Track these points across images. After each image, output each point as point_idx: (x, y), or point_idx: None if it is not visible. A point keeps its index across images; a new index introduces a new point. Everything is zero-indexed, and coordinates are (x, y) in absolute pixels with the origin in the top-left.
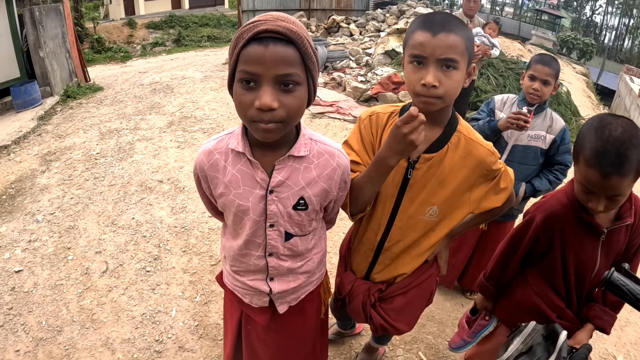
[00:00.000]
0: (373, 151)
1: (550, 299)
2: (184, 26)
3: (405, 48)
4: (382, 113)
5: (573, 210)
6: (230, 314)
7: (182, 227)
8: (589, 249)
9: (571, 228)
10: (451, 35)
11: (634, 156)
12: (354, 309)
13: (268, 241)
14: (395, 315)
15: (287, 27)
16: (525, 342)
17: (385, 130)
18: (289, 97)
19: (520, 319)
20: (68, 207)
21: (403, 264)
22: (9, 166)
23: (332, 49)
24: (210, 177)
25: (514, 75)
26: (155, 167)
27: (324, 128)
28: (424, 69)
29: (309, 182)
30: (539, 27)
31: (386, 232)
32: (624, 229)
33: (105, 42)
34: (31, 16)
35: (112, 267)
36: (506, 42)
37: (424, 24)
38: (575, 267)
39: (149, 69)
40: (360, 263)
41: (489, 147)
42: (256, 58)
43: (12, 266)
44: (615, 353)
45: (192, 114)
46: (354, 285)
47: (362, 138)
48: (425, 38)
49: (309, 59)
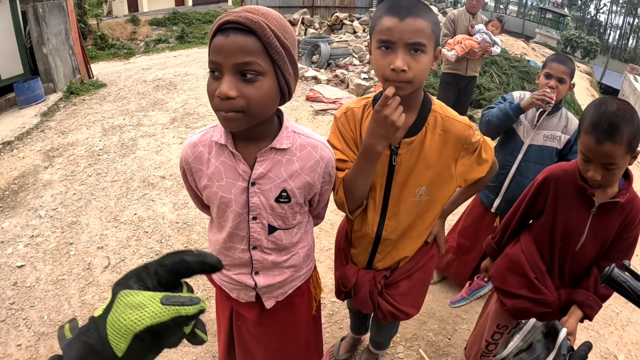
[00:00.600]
0: (356, 146)
1: (533, 259)
2: (187, 23)
3: (372, 34)
4: (355, 108)
5: (571, 177)
6: (221, 311)
7: (184, 223)
8: (578, 218)
9: (566, 192)
10: (418, 20)
11: (626, 129)
12: (361, 299)
13: (251, 234)
14: (402, 300)
15: (249, 17)
16: (525, 339)
17: (363, 122)
18: (250, 87)
19: (505, 276)
20: (70, 203)
21: (404, 248)
22: (12, 162)
23: (335, 46)
24: (195, 170)
25: (517, 74)
26: (158, 164)
27: (327, 125)
28: (392, 53)
29: (291, 174)
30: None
31: (381, 222)
32: (616, 215)
33: (108, 38)
34: (34, 13)
35: (114, 263)
36: (510, 41)
37: (391, 9)
38: (563, 232)
39: (152, 66)
40: (361, 255)
41: (465, 121)
42: (218, 48)
43: (14, 261)
44: (616, 352)
45: (195, 110)
46: (359, 276)
47: (342, 135)
48: (393, 23)
49: (273, 49)
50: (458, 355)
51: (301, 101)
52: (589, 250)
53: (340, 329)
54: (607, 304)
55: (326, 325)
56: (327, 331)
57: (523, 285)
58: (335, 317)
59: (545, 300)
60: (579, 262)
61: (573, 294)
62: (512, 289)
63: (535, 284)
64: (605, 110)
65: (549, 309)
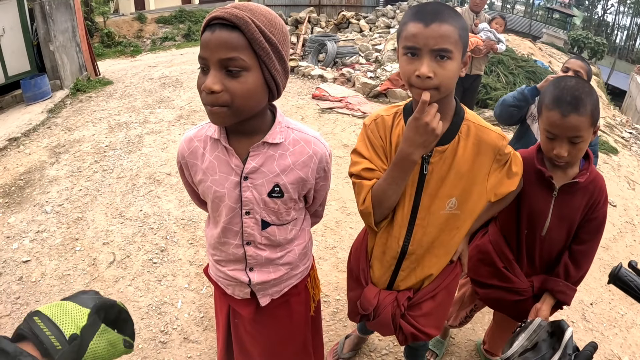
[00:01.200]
0: (385, 155)
1: (500, 248)
2: (194, 21)
3: (399, 40)
4: (386, 115)
5: (530, 162)
6: (219, 308)
7: (189, 220)
8: (541, 202)
9: (529, 178)
10: (444, 25)
11: (588, 100)
12: (382, 322)
13: (245, 229)
14: (424, 321)
15: (234, 12)
16: (530, 339)
17: (393, 131)
18: (234, 82)
19: (476, 266)
20: (76, 199)
21: (430, 266)
22: (19, 158)
23: (342, 45)
24: (190, 164)
25: (524, 73)
26: (164, 160)
27: (333, 123)
28: (418, 60)
29: (283, 169)
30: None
31: (408, 235)
32: (579, 196)
33: (115, 36)
34: (41, 10)
35: (119, 259)
36: (517, 40)
37: (416, 15)
38: (528, 218)
39: (159, 63)
40: (383, 274)
41: (498, 131)
42: (205, 43)
43: (20, 256)
44: (620, 354)
45: (201, 108)
46: (380, 298)
47: (371, 143)
48: (418, 29)
49: (257, 44)
50: (462, 355)
51: (307, 99)
52: (555, 234)
53: (344, 327)
54: (612, 306)
55: (330, 323)
56: (331, 329)
57: (493, 275)
58: (340, 315)
59: (516, 288)
60: (548, 247)
61: (544, 282)
62: (484, 278)
63: (504, 273)
64: (566, 85)
65: (522, 296)
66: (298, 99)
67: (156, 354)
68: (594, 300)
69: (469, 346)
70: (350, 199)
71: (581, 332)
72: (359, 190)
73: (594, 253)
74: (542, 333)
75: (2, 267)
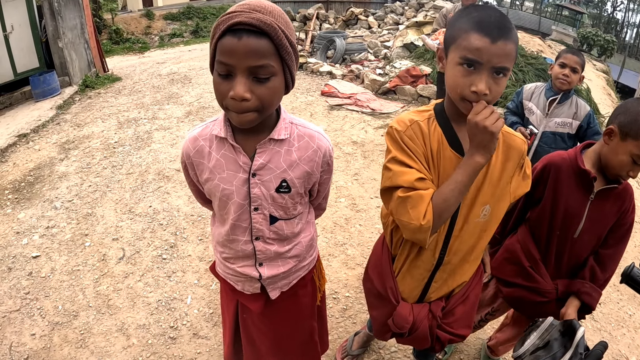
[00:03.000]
0: (427, 163)
1: (527, 247)
2: (202, 18)
3: (453, 44)
4: (420, 120)
5: (570, 164)
6: (226, 304)
7: (198, 216)
8: (577, 203)
9: (566, 179)
10: (509, 43)
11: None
12: (419, 336)
13: (253, 225)
14: (457, 325)
15: (261, 18)
16: (542, 337)
17: (432, 137)
18: (262, 88)
19: (502, 264)
20: (86, 195)
21: (462, 274)
22: (28, 154)
23: (351, 42)
24: (196, 164)
25: (534, 71)
26: (173, 156)
27: (342, 120)
28: (476, 74)
29: (290, 164)
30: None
31: (444, 246)
32: (611, 201)
33: (123, 33)
34: (50, 7)
35: (129, 254)
36: (526, 37)
37: (482, 27)
38: (563, 219)
39: (167, 60)
40: (414, 287)
41: (520, 136)
42: (230, 50)
43: (29, 252)
44: (628, 354)
45: (210, 104)
46: (414, 313)
47: (411, 152)
48: (484, 44)
49: (284, 49)
50: (471, 353)
51: (316, 96)
52: (586, 237)
53: (353, 324)
54: (621, 306)
55: (340, 320)
56: (340, 326)
57: (518, 274)
58: (349, 312)
59: (540, 288)
60: (577, 251)
61: (570, 285)
62: (508, 277)
63: (529, 272)
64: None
65: (545, 298)
66: (307, 96)
67: (166, 350)
68: (603, 300)
69: (477, 344)
70: (360, 196)
71: (589, 332)
72: (415, 203)
73: (620, 257)
74: (554, 332)
75: (12, 263)
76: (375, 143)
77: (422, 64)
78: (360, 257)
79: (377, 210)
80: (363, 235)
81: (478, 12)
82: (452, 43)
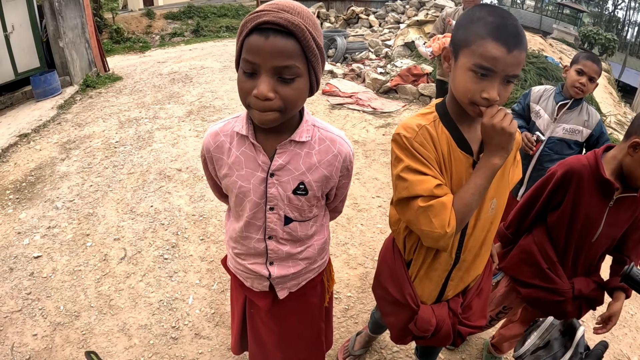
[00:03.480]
0: (440, 168)
1: (544, 249)
2: (203, 17)
3: (466, 49)
4: (428, 125)
5: (591, 169)
6: (235, 299)
7: (200, 216)
8: (597, 209)
9: (586, 185)
10: (522, 52)
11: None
12: (443, 335)
13: (267, 224)
14: (475, 317)
15: (289, 19)
16: (542, 337)
17: (440, 140)
18: (287, 88)
19: (519, 266)
20: (87, 195)
21: (476, 268)
22: (29, 154)
23: (351, 40)
24: (216, 159)
25: (535, 70)
26: (174, 156)
27: (343, 119)
28: (488, 81)
29: (309, 167)
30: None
31: (460, 244)
32: (626, 207)
33: (124, 32)
34: (50, 7)
35: (130, 254)
36: (527, 36)
37: (499, 35)
38: (582, 225)
39: (168, 59)
40: (432, 290)
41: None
42: (256, 48)
43: (31, 252)
44: (630, 354)
45: (211, 103)
46: (436, 314)
47: (425, 159)
48: (500, 53)
49: (310, 51)
50: (472, 352)
51: (317, 95)
52: (602, 241)
53: (355, 324)
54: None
55: (342, 320)
56: (342, 326)
57: (536, 275)
58: (351, 312)
59: (558, 288)
60: (593, 253)
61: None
62: (526, 278)
63: (547, 274)
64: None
65: (562, 297)
66: None
67: (167, 350)
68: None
69: (480, 344)
70: (362, 196)
71: (590, 332)
72: (437, 212)
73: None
74: (554, 332)
75: (13, 263)
76: (376, 142)
77: (423, 63)
78: (362, 256)
79: (378, 209)
80: (365, 235)
81: (494, 17)
82: (465, 47)
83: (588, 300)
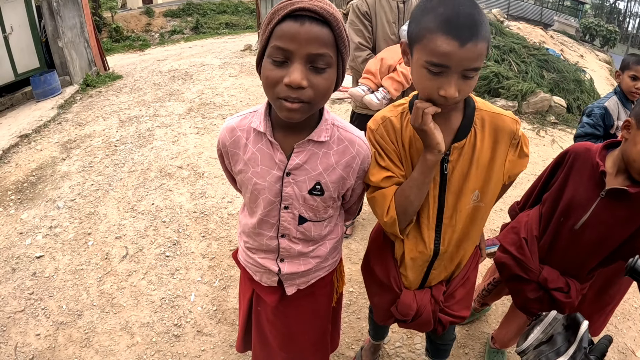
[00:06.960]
0: (399, 159)
1: (530, 222)
2: (202, 14)
3: (418, 45)
4: (392, 117)
5: (590, 156)
6: (243, 293)
7: (201, 213)
8: (585, 195)
9: (579, 168)
10: (479, 43)
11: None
12: (423, 321)
13: (281, 223)
14: (457, 307)
15: (324, 7)
16: (545, 332)
17: (404, 132)
18: (319, 78)
19: (505, 233)
20: (88, 194)
21: (460, 258)
22: (30, 154)
23: None
24: (231, 154)
25: (536, 62)
26: (175, 154)
27: (344, 114)
28: (444, 78)
29: (326, 167)
30: (562, 13)
31: (437, 236)
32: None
33: (123, 31)
34: (49, 7)
35: (132, 252)
36: (528, 28)
37: (448, 28)
38: (567, 205)
39: (168, 57)
40: (415, 277)
41: (510, 115)
42: (290, 35)
43: (33, 252)
44: (634, 347)
45: (211, 100)
46: (417, 299)
47: (383, 150)
48: (452, 48)
49: (342, 41)
50: (476, 347)
51: None
52: (588, 233)
53: (357, 319)
54: (626, 298)
55: (344, 315)
56: (344, 321)
57: (513, 243)
58: (353, 307)
59: (525, 263)
60: (577, 245)
61: None
62: (506, 244)
63: (521, 244)
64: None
65: (526, 275)
66: None
67: (170, 347)
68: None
69: (483, 339)
70: None
71: None
72: (381, 201)
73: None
74: (558, 326)
75: (15, 263)
76: None
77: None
78: (363, 251)
79: None
80: (366, 230)
81: (445, 7)
82: (417, 42)
83: (551, 298)
